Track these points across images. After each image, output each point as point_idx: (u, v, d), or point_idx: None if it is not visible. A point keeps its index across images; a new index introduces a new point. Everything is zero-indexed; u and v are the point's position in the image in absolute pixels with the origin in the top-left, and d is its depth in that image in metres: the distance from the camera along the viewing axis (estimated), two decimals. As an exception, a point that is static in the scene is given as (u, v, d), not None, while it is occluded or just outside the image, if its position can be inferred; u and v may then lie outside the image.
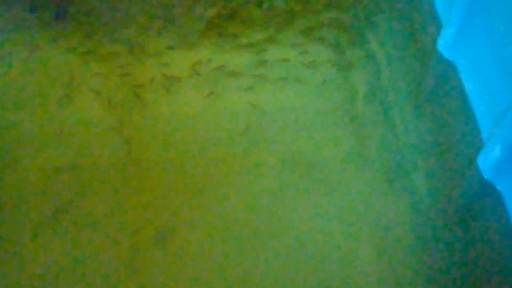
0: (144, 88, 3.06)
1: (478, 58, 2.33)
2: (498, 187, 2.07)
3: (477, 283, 2.13)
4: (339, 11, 3.47)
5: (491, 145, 2.04)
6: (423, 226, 2.47)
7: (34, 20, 3.46)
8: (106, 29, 3.39)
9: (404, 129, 2.79)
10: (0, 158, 2.76)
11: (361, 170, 2.70)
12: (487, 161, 2.07)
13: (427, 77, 2.71)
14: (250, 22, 3.44)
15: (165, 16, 3.49)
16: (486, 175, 2.09)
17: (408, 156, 2.69)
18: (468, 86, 2.39)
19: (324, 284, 2.36)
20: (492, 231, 2.10)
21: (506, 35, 2.11)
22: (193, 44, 3.30)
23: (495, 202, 2.08)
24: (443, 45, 2.54)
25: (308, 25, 3.40)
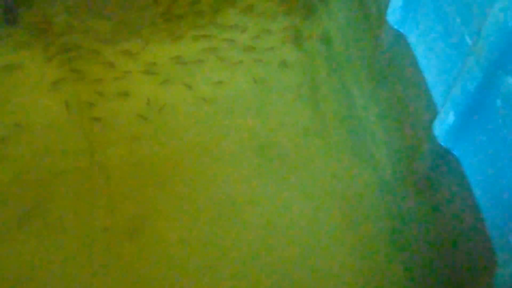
0: (102, 86, 3.01)
1: (426, 27, 2.37)
2: (454, 153, 2.14)
3: (443, 247, 2.21)
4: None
5: (445, 112, 2.10)
6: (388, 195, 2.55)
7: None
8: (59, 32, 3.29)
9: (362, 101, 2.84)
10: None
11: (324, 145, 2.75)
12: (442, 128, 2.13)
13: (380, 49, 2.74)
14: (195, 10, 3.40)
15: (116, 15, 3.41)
16: (442, 142, 2.15)
17: (368, 128, 2.74)
18: (419, 56, 2.44)
19: (297, 260, 2.41)
20: (452, 194, 2.17)
21: (453, 2, 2.15)
22: (145, 38, 3.24)
23: (453, 167, 2.14)
24: (392, 16, 2.58)
25: (257, 4, 3.38)
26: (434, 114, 2.23)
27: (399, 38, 2.55)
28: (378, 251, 2.42)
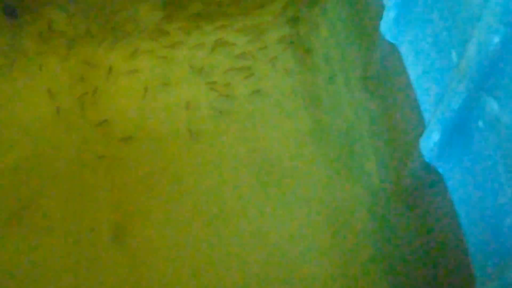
0: (98, 85, 3.03)
1: (416, 40, 2.35)
2: (439, 170, 2.12)
3: (426, 263, 2.21)
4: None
5: (430, 130, 2.08)
6: (376, 208, 2.54)
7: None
8: (59, 27, 3.31)
9: (355, 113, 2.82)
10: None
11: (317, 157, 2.74)
12: (428, 145, 2.12)
13: (373, 60, 2.72)
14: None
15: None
16: (427, 159, 2.14)
17: (360, 141, 2.73)
18: (410, 68, 2.42)
19: (284, 270, 2.42)
20: (436, 212, 2.16)
21: (441, 18, 2.13)
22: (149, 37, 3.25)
23: (437, 185, 2.13)
24: (385, 27, 2.56)
25: (259, 15, 3.36)
26: (422, 129, 2.22)
27: (392, 49, 2.53)
28: (364, 263, 2.42)
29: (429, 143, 2.11)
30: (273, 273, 2.43)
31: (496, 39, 1.68)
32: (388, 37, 2.55)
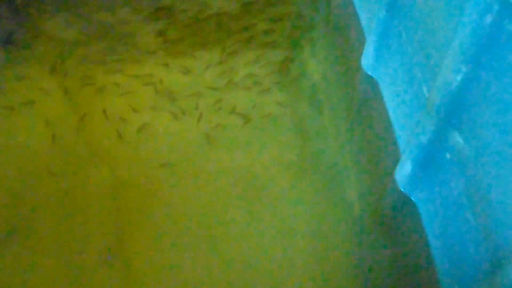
0: (94, 109, 3.13)
1: (393, 74, 2.46)
2: (413, 198, 2.22)
3: (400, 283, 2.29)
4: (277, 34, 3.57)
5: (403, 160, 2.18)
6: (356, 235, 2.62)
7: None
8: (58, 53, 3.42)
9: (339, 145, 2.93)
10: None
11: (301, 186, 2.83)
12: (402, 175, 2.22)
13: (355, 93, 2.84)
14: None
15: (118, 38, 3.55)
16: (402, 188, 2.23)
17: (342, 171, 2.83)
18: (388, 101, 2.53)
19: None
20: (410, 240, 2.25)
21: (413, 54, 2.25)
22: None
23: (412, 213, 2.22)
24: (366, 61, 2.68)
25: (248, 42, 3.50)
26: (398, 159, 2.32)
27: (372, 83, 2.65)
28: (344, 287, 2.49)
29: (403, 173, 2.20)
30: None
31: (459, 78, 1.79)
32: (369, 71, 2.67)
